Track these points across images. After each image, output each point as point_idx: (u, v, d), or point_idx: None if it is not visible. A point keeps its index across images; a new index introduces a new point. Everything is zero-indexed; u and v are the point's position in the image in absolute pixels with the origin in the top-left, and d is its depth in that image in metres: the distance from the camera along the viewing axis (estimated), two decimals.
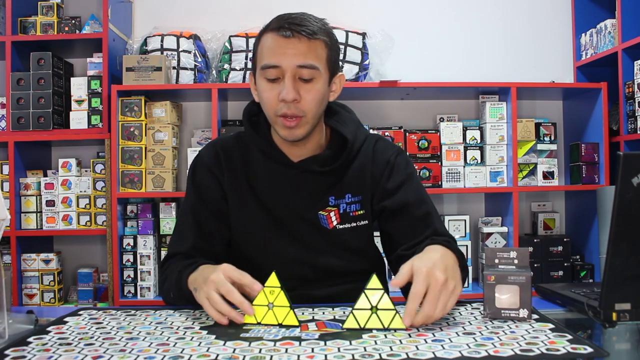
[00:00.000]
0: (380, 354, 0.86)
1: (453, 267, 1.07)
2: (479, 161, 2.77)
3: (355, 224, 1.36)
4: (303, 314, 1.13)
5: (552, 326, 1.00)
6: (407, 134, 2.75)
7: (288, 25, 1.23)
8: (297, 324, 1.03)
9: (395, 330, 0.99)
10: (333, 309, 1.17)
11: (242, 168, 1.36)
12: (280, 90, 1.23)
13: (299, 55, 1.22)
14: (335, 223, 1.35)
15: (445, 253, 1.12)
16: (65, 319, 1.12)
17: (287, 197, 1.34)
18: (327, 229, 1.34)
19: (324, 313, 1.14)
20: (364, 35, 2.80)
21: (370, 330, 1.00)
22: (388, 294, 1.02)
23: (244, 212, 1.36)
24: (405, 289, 1.05)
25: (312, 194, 1.34)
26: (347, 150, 1.34)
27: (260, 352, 0.88)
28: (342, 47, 2.71)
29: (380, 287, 1.01)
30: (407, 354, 0.86)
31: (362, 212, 1.36)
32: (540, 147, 2.81)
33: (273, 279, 1.04)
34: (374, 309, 1.01)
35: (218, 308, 1.05)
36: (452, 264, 1.09)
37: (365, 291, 1.02)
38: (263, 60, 1.25)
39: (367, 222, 1.38)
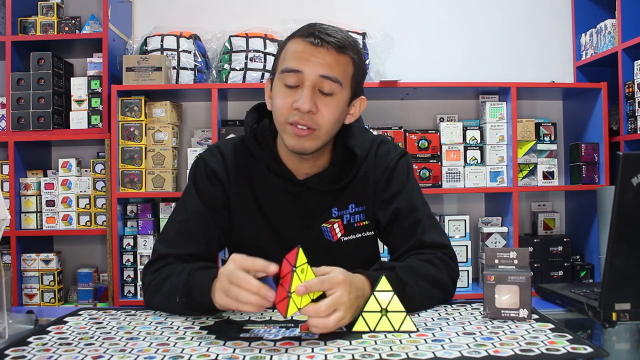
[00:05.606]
0: (380, 354, 0.86)
1: (356, 302, 0.99)
2: (479, 161, 2.77)
3: (360, 235, 1.31)
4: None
5: (552, 326, 1.00)
6: (407, 134, 2.75)
7: (318, 33, 1.17)
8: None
9: (407, 332, 0.97)
10: None
11: (248, 178, 1.29)
12: (296, 99, 1.16)
13: (324, 65, 1.16)
14: (339, 235, 1.29)
15: (364, 291, 1.03)
16: (65, 319, 1.11)
17: (291, 212, 1.29)
18: (331, 242, 1.29)
19: None
20: (363, 35, 2.80)
21: (379, 332, 0.98)
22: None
23: (247, 223, 1.30)
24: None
25: (315, 207, 1.29)
26: (355, 167, 1.28)
27: (260, 352, 0.88)
28: None
29: (390, 288, 0.99)
30: (407, 354, 0.86)
31: (366, 222, 1.31)
32: (540, 147, 2.81)
33: (302, 257, 0.93)
34: (383, 311, 0.99)
35: (240, 298, 0.94)
36: (361, 301, 1.01)
37: (375, 293, 0.99)
38: (285, 64, 1.18)
39: (372, 232, 1.33)
